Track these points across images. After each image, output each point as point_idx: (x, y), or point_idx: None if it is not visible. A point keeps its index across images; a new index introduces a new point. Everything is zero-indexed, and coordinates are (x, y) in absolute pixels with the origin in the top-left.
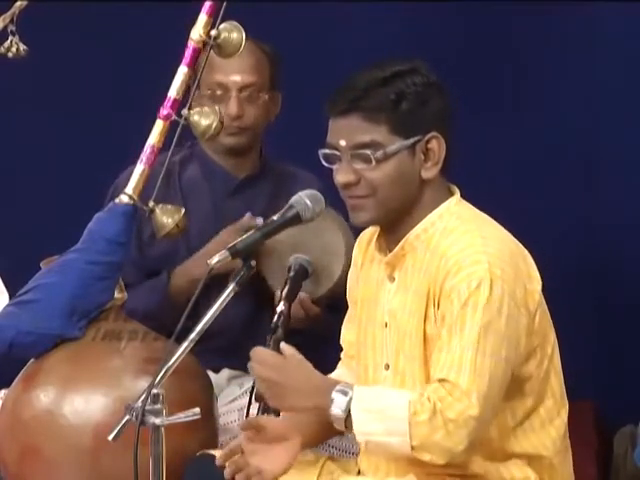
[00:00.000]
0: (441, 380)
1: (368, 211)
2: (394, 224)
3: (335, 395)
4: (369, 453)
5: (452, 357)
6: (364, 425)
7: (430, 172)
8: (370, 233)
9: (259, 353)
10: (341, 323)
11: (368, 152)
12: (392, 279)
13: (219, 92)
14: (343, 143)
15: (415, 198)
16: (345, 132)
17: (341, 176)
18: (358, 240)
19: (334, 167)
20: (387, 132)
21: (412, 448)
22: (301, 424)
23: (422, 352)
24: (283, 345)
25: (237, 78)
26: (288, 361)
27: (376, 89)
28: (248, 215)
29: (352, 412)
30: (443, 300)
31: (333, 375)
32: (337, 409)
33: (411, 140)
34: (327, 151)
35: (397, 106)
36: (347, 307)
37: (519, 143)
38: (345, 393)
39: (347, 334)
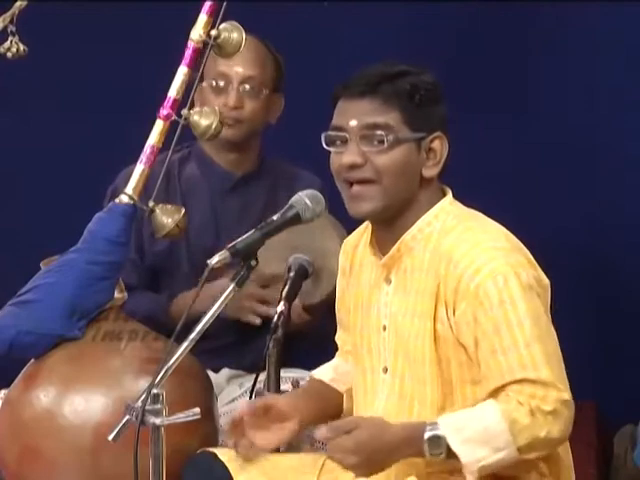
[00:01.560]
0: (519, 381)
1: (370, 201)
2: (389, 223)
3: (427, 439)
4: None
5: (519, 356)
6: (472, 455)
7: (431, 171)
8: (355, 239)
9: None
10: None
11: (382, 133)
12: (388, 281)
13: (221, 83)
14: (354, 123)
15: (414, 196)
16: (358, 113)
17: (347, 157)
18: (342, 247)
19: (334, 150)
20: (399, 120)
21: (519, 452)
22: (300, 404)
23: (433, 353)
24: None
25: (239, 69)
26: (364, 427)
27: (391, 79)
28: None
29: (454, 448)
30: (465, 301)
31: (331, 364)
32: (437, 453)
33: (419, 134)
34: (332, 133)
35: (411, 97)
36: None
37: (519, 143)
38: (437, 438)
39: (341, 334)
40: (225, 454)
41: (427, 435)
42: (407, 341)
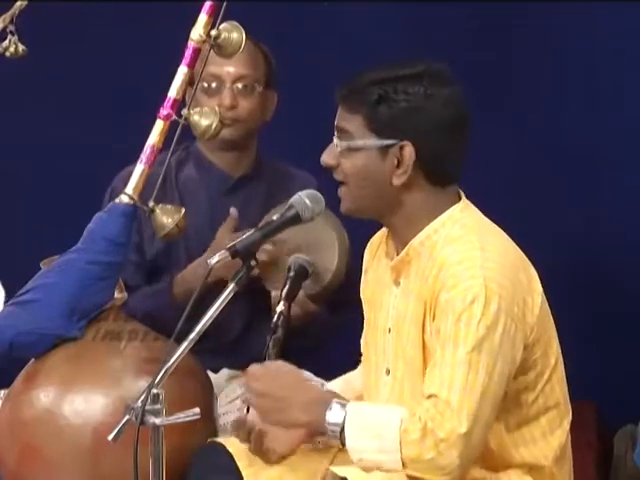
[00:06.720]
0: (432, 396)
1: (345, 201)
2: (390, 227)
3: (332, 410)
4: (364, 470)
5: (443, 373)
6: (356, 442)
7: (399, 179)
8: (379, 237)
9: (251, 370)
10: (339, 323)
11: (338, 138)
12: (398, 284)
13: (214, 84)
14: (335, 124)
15: (394, 201)
16: (338, 117)
17: (323, 155)
18: (369, 244)
19: None
20: (362, 126)
21: (403, 465)
22: None
23: (421, 361)
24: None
25: (231, 69)
26: (283, 372)
27: (368, 87)
28: (233, 210)
29: (345, 429)
30: (438, 313)
31: (343, 377)
32: (334, 424)
33: (384, 142)
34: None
35: (376, 106)
36: (345, 307)
37: (519, 143)
38: (343, 406)
39: (363, 336)
40: (233, 445)
41: (336, 401)
42: (405, 346)
